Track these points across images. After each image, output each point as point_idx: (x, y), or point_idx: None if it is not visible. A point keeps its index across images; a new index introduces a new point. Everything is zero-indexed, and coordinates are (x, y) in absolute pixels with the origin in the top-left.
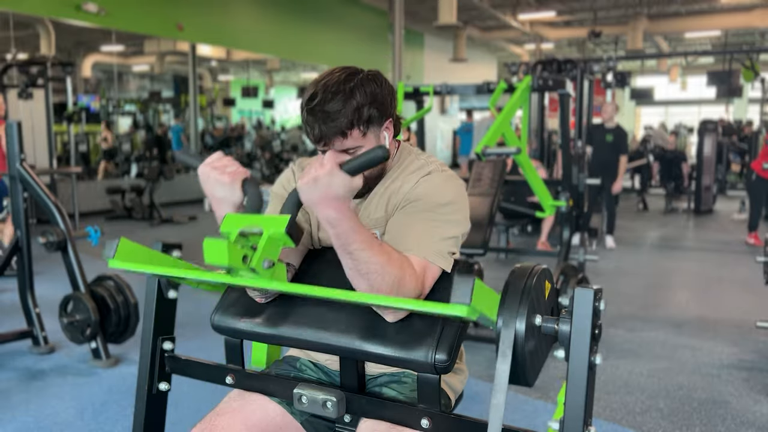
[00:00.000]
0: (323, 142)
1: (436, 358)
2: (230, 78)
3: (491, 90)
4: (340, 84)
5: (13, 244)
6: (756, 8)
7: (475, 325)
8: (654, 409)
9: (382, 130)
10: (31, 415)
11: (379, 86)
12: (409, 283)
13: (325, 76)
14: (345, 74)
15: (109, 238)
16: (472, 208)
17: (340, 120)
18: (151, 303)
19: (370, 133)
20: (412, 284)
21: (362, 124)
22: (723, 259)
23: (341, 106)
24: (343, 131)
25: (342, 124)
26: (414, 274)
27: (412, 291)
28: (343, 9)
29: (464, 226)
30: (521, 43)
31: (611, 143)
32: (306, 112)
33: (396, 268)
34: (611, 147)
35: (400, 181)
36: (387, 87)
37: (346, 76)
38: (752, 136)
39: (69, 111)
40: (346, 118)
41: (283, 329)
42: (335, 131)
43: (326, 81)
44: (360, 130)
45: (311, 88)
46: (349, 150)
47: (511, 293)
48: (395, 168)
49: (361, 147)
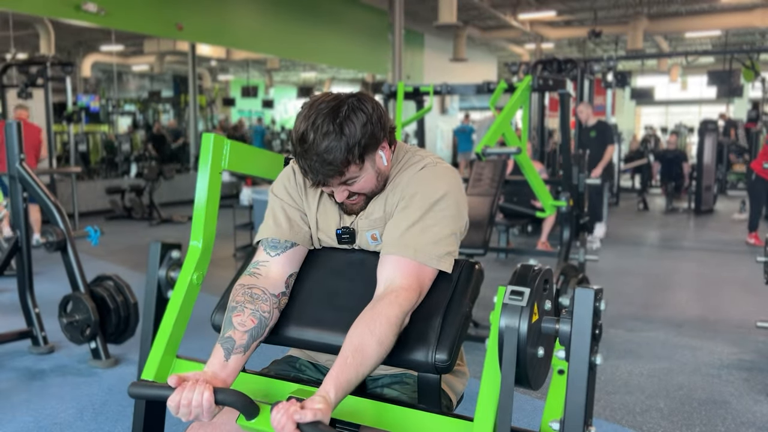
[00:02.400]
0: (321, 185)
1: (437, 358)
2: (230, 78)
3: (491, 90)
4: (327, 122)
5: (13, 244)
6: (756, 8)
7: (475, 325)
8: (654, 409)
9: (377, 151)
10: (31, 415)
11: (367, 113)
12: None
13: (312, 110)
14: (330, 108)
15: (109, 238)
16: (472, 207)
17: (334, 164)
18: (151, 303)
19: (367, 161)
20: (403, 307)
21: (357, 159)
22: (723, 259)
23: (333, 146)
24: (340, 171)
25: (337, 167)
26: (399, 297)
27: (407, 308)
28: (343, 9)
29: (461, 220)
30: (521, 42)
31: (596, 138)
32: (299, 156)
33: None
34: (597, 142)
35: (398, 180)
36: (376, 110)
37: (331, 110)
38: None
39: (69, 111)
40: (340, 158)
41: (283, 329)
42: (332, 173)
43: (314, 118)
44: (356, 164)
45: (300, 125)
46: (348, 181)
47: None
48: (393, 168)
49: (360, 177)
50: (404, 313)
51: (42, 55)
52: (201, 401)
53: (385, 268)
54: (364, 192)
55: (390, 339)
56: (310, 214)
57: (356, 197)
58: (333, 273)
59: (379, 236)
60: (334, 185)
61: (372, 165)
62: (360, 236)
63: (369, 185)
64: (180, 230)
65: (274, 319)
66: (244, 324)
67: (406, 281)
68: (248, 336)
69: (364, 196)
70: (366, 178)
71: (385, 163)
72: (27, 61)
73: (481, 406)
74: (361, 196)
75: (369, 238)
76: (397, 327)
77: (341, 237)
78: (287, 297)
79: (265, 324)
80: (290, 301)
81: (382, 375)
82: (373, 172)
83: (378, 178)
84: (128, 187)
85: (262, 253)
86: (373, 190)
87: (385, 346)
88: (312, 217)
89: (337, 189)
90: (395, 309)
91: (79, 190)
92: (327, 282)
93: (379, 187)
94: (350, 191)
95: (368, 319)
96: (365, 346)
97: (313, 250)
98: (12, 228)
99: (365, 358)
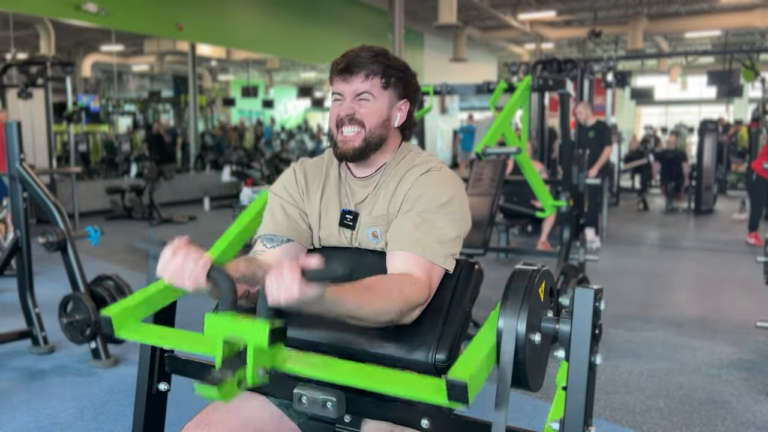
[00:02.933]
0: (348, 72)
1: (437, 357)
2: (230, 78)
3: (491, 90)
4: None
5: (13, 244)
6: (756, 8)
7: (475, 325)
8: (654, 409)
9: (398, 102)
10: (31, 415)
11: (408, 73)
12: (414, 294)
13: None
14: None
15: (109, 238)
16: (472, 207)
17: (370, 62)
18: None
19: (387, 94)
20: (417, 294)
21: (386, 77)
22: (723, 259)
23: (378, 51)
24: (370, 69)
25: (372, 61)
26: (417, 283)
27: (420, 299)
28: (343, 9)
29: (464, 225)
30: (521, 42)
31: (594, 138)
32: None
33: (396, 295)
34: (595, 142)
35: (401, 179)
36: (414, 81)
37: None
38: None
39: (69, 111)
40: (376, 63)
41: None
42: (363, 64)
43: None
44: (381, 82)
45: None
46: (362, 95)
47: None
48: (396, 165)
49: (375, 99)
50: (415, 300)
51: (42, 55)
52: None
53: (398, 261)
54: (364, 123)
55: (394, 309)
56: (312, 207)
57: (355, 129)
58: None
59: (380, 234)
60: (355, 83)
61: (387, 102)
62: (361, 231)
63: (373, 118)
64: (180, 230)
65: None
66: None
67: (420, 275)
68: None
69: (361, 132)
70: (376, 107)
71: (396, 121)
72: (27, 61)
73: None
74: (359, 131)
75: (370, 234)
76: (405, 305)
77: (344, 218)
78: None
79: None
80: None
81: None
82: (385, 109)
83: (383, 123)
84: (128, 187)
85: (259, 245)
86: (372, 130)
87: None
88: (314, 211)
89: (350, 96)
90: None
91: (79, 190)
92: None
93: (376, 134)
94: (355, 112)
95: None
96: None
97: (312, 250)
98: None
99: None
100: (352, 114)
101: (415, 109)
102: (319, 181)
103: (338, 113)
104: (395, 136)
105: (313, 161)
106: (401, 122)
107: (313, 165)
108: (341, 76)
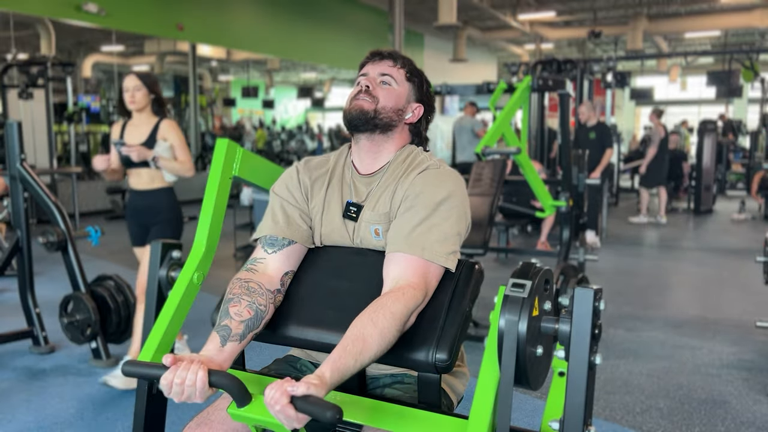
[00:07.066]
0: (379, 55)
1: (437, 357)
2: (230, 78)
3: (491, 90)
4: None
5: (14, 244)
6: (756, 8)
7: (475, 325)
8: (654, 409)
9: (412, 103)
10: (32, 414)
11: (428, 86)
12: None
13: None
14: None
15: (110, 238)
16: (472, 208)
17: (400, 56)
18: (152, 302)
19: (409, 85)
20: (409, 304)
21: (409, 72)
22: (723, 259)
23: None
24: (399, 59)
25: (401, 57)
26: (405, 293)
27: (413, 306)
28: (343, 9)
29: (465, 221)
30: (521, 43)
31: (595, 140)
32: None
33: (389, 322)
34: (596, 144)
35: (402, 178)
36: (432, 97)
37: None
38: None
39: (69, 111)
40: (405, 59)
41: (284, 329)
42: (394, 55)
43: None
44: (406, 75)
45: None
46: (385, 77)
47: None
48: (399, 164)
49: (397, 85)
50: (409, 310)
51: (43, 55)
52: (195, 380)
53: (393, 266)
54: (380, 100)
55: (392, 333)
56: (315, 204)
57: (369, 98)
58: (334, 272)
59: (382, 232)
60: (382, 66)
61: (406, 94)
62: (363, 227)
63: (390, 100)
64: None
65: (269, 313)
66: (241, 314)
67: (413, 279)
68: (244, 326)
69: (374, 103)
70: (396, 92)
71: (410, 115)
72: (28, 61)
73: (477, 403)
74: (373, 101)
75: (372, 232)
76: (400, 322)
77: (348, 209)
78: (282, 294)
79: (261, 316)
80: (291, 300)
81: (382, 375)
82: (403, 98)
83: (397, 109)
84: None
85: (260, 251)
86: (385, 107)
87: (387, 339)
88: (318, 207)
89: (375, 75)
90: (400, 304)
91: (79, 190)
92: (328, 281)
93: (387, 114)
94: (375, 88)
95: (372, 310)
96: (366, 336)
97: (314, 249)
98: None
99: (365, 347)
100: (372, 88)
101: (426, 120)
102: (324, 178)
103: (359, 87)
104: (404, 132)
105: (317, 159)
106: (412, 120)
107: (318, 163)
108: (371, 60)
